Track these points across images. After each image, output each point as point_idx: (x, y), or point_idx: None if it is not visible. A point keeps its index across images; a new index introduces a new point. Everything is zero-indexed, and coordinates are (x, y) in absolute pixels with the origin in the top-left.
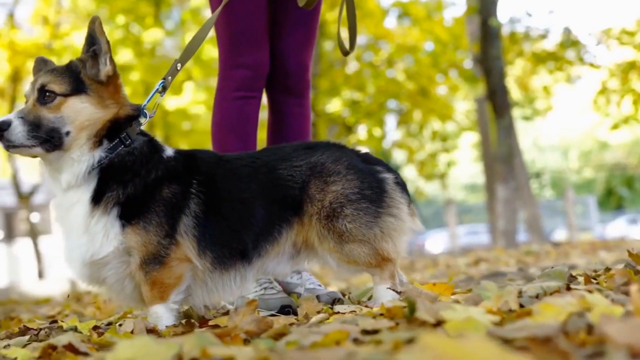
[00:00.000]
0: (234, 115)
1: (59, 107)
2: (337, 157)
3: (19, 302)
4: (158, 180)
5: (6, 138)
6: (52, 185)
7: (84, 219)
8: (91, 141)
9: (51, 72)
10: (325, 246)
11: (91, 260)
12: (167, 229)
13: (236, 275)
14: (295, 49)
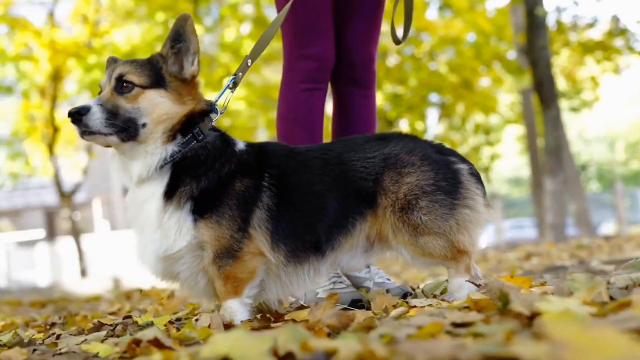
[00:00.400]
0: (300, 107)
1: (136, 98)
2: (411, 148)
3: (70, 300)
4: (230, 173)
5: (84, 123)
6: (123, 179)
7: (157, 214)
8: (166, 135)
9: (130, 63)
10: (399, 239)
11: (164, 255)
12: (239, 223)
13: (310, 268)
14: (360, 40)
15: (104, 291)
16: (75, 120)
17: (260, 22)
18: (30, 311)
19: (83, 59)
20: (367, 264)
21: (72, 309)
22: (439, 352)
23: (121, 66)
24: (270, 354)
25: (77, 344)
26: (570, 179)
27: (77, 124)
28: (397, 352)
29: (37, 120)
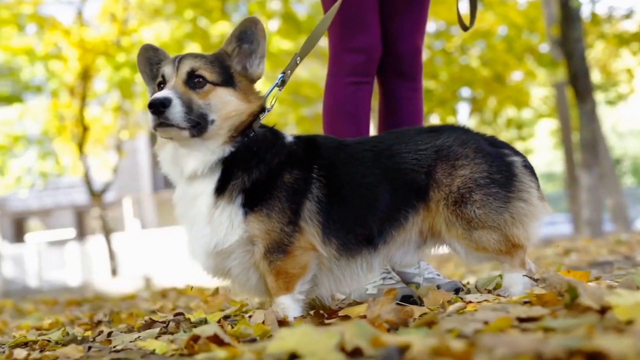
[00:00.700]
0: (347, 100)
1: (207, 94)
2: (464, 141)
3: (105, 299)
4: (280, 166)
5: (165, 116)
6: (172, 173)
7: (208, 210)
8: (230, 133)
9: (201, 58)
10: (453, 233)
11: (215, 251)
12: (290, 215)
13: (363, 262)
14: (407, 32)
15: (138, 290)
16: (157, 112)
17: (289, 18)
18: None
19: (112, 57)
20: (420, 259)
21: (109, 307)
22: (521, 346)
23: (191, 60)
24: (337, 350)
25: (131, 341)
26: (606, 173)
27: (157, 115)
28: (477, 346)
29: (66, 120)
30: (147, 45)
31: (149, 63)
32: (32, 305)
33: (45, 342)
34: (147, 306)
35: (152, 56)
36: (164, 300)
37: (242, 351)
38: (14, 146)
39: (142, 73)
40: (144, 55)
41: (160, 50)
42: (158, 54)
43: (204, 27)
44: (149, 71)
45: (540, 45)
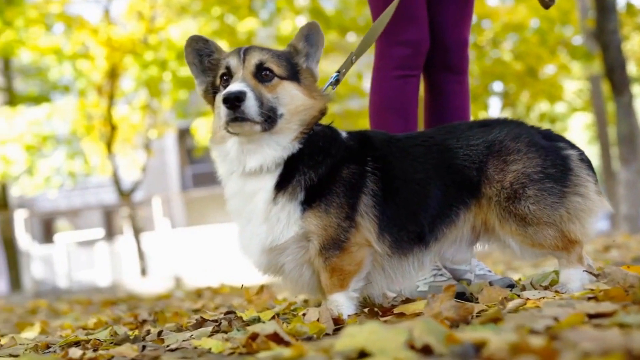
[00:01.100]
0: (395, 94)
1: (275, 88)
2: (517, 134)
3: (139, 299)
4: (340, 161)
5: (241, 110)
6: (229, 170)
7: (266, 206)
8: (302, 129)
9: (267, 51)
10: (507, 229)
11: (270, 247)
12: (347, 210)
13: (414, 260)
14: (454, 23)
15: (169, 290)
16: (233, 106)
17: (317, 13)
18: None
19: (139, 55)
20: (473, 255)
21: (145, 307)
22: (609, 342)
23: (259, 52)
24: (406, 347)
25: (184, 340)
26: None
27: (233, 110)
28: (562, 342)
29: (94, 119)
30: (196, 36)
31: (198, 55)
32: (67, 305)
33: (97, 342)
34: (188, 305)
35: (202, 47)
36: (202, 300)
37: (307, 349)
38: (43, 146)
39: (190, 65)
40: (193, 47)
41: (211, 41)
42: (209, 45)
43: (231, 24)
44: (199, 63)
45: (573, 38)
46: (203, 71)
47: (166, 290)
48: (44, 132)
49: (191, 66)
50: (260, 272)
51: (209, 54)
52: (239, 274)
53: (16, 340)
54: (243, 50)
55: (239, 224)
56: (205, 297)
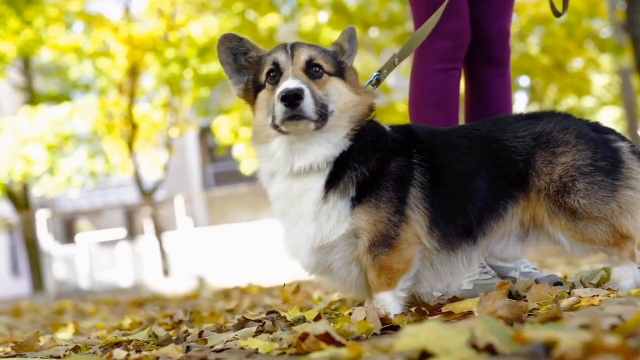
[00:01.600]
0: (437, 88)
1: (324, 85)
2: (565, 126)
3: (167, 299)
4: (387, 154)
5: (300, 108)
6: (273, 169)
7: (315, 205)
8: (353, 125)
9: (315, 48)
10: (556, 224)
11: (319, 246)
12: (397, 204)
13: (463, 256)
14: (495, 14)
15: (196, 289)
16: (292, 104)
17: (339, 9)
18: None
19: (160, 53)
20: (523, 251)
21: (173, 307)
22: None
23: (307, 48)
24: (469, 347)
25: (228, 340)
26: None
27: (291, 107)
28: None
29: (115, 118)
30: (229, 34)
31: (232, 53)
32: (92, 306)
33: (138, 342)
34: (221, 305)
35: (236, 46)
36: (231, 299)
37: (364, 349)
38: (64, 145)
39: (223, 64)
40: (226, 46)
41: (245, 39)
42: (243, 43)
43: (253, 20)
44: (233, 62)
45: (601, 31)
46: (238, 70)
47: (189, 290)
48: (65, 131)
49: (225, 65)
50: (308, 273)
51: (245, 52)
52: (263, 273)
53: (55, 341)
54: (289, 46)
55: (286, 225)
56: (233, 297)
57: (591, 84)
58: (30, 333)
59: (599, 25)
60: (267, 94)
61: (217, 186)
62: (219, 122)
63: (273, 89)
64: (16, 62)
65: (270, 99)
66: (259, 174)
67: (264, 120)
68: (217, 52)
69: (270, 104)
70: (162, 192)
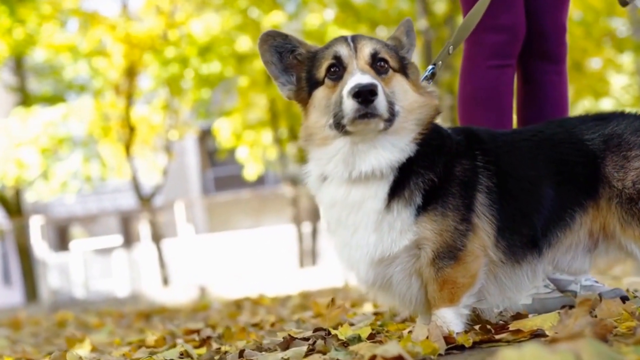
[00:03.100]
0: (490, 86)
1: (390, 81)
2: (637, 128)
3: (177, 311)
4: (452, 157)
5: (373, 105)
6: (329, 174)
7: (377, 215)
8: (420, 129)
9: (378, 41)
10: (629, 234)
11: (380, 258)
12: (463, 211)
13: (528, 269)
14: (552, 6)
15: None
16: (366, 100)
17: (346, 6)
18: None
19: (159, 52)
20: (592, 264)
21: (183, 320)
22: None
23: (371, 41)
24: None
25: None
26: None
27: (364, 104)
28: None
29: (112, 120)
30: (273, 31)
31: (276, 52)
32: (95, 318)
33: None
34: (247, 319)
35: (281, 43)
36: (245, 311)
37: None
38: (59, 149)
39: (268, 64)
40: (270, 44)
41: (291, 36)
42: (289, 40)
43: (256, 18)
44: (278, 61)
45: (619, 30)
46: (285, 70)
47: (190, 300)
48: (60, 134)
49: (270, 66)
50: (365, 287)
51: (292, 50)
52: (267, 281)
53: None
54: (350, 38)
55: (341, 235)
56: (246, 308)
57: (609, 85)
58: (57, 353)
59: (618, 24)
60: (326, 91)
61: (218, 191)
62: (220, 124)
63: (334, 86)
64: (8, 62)
65: (331, 97)
66: (307, 178)
67: (321, 119)
68: (260, 51)
69: (330, 102)
70: (160, 198)
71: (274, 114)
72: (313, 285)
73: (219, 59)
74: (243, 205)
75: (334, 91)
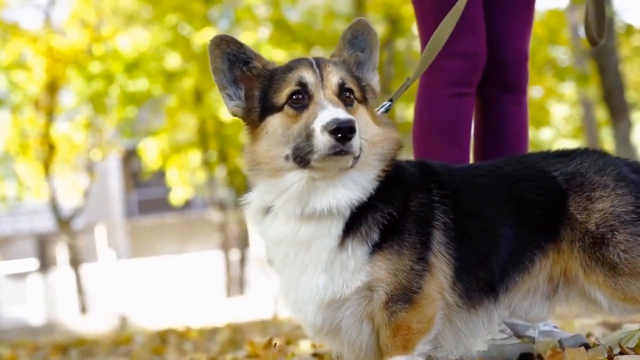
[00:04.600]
0: (448, 116)
1: (354, 114)
2: (601, 166)
3: (93, 342)
4: (408, 191)
5: (350, 143)
6: (277, 207)
7: (329, 254)
8: (383, 166)
9: (342, 66)
10: (592, 280)
11: (329, 301)
12: (420, 250)
13: (484, 314)
14: (514, 33)
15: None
16: (345, 138)
17: (281, 25)
18: None
19: (83, 67)
20: (552, 311)
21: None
22: None
23: (337, 68)
24: None
25: None
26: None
27: (342, 142)
28: None
29: (30, 137)
30: (227, 37)
31: (228, 60)
32: (7, 349)
33: None
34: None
35: (234, 51)
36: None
37: None
38: None
39: (217, 72)
40: (223, 49)
41: (246, 46)
42: (244, 50)
43: (187, 35)
44: (228, 70)
45: (559, 59)
46: (234, 81)
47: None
48: None
49: (218, 73)
50: (312, 332)
51: (246, 61)
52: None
53: None
54: (315, 63)
55: (287, 275)
56: (171, 343)
57: (550, 115)
58: None
59: (559, 52)
60: (285, 119)
61: (142, 215)
62: (146, 144)
63: (297, 115)
64: None
65: (291, 126)
66: (247, 208)
67: (275, 149)
68: (211, 56)
69: (290, 132)
70: (80, 220)
71: (203, 135)
72: (241, 316)
73: (146, 76)
74: (168, 230)
75: (295, 121)
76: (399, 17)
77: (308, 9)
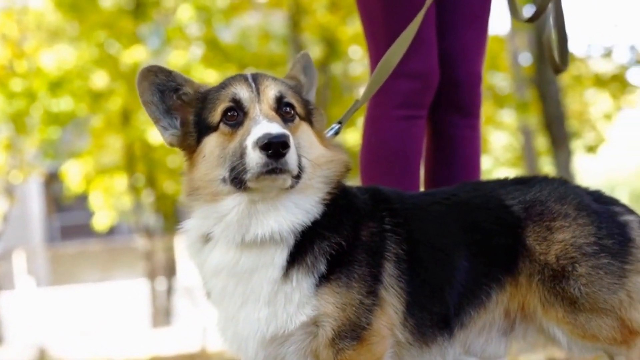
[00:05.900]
0: (398, 139)
1: (296, 131)
2: (562, 195)
3: None
4: (357, 219)
5: (284, 160)
6: (215, 235)
7: (272, 286)
8: (329, 188)
9: (282, 82)
10: (551, 316)
11: (272, 336)
12: (370, 283)
13: (437, 352)
14: (466, 54)
15: None
16: (277, 154)
17: (213, 45)
18: None
19: (4, 85)
20: (508, 348)
21: None
22: None
23: (275, 82)
24: None
25: None
26: None
27: (274, 158)
28: None
29: None
30: (154, 66)
31: (158, 91)
32: None
33: None
34: None
35: (163, 81)
36: None
37: None
38: None
39: (147, 105)
40: (151, 81)
41: (175, 72)
42: (173, 77)
43: (115, 53)
44: (160, 101)
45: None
46: (167, 112)
47: None
48: None
49: (149, 106)
50: None
51: (176, 89)
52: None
53: None
54: (251, 77)
55: (226, 308)
56: None
57: (489, 143)
58: None
59: (497, 79)
60: (220, 138)
61: (64, 241)
62: (69, 167)
63: (232, 133)
64: None
65: (227, 146)
66: (185, 237)
67: (212, 172)
68: (139, 89)
69: (226, 152)
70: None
71: (130, 158)
72: (167, 348)
73: (71, 95)
74: (91, 257)
75: (231, 139)
76: (335, 39)
77: (242, 30)
